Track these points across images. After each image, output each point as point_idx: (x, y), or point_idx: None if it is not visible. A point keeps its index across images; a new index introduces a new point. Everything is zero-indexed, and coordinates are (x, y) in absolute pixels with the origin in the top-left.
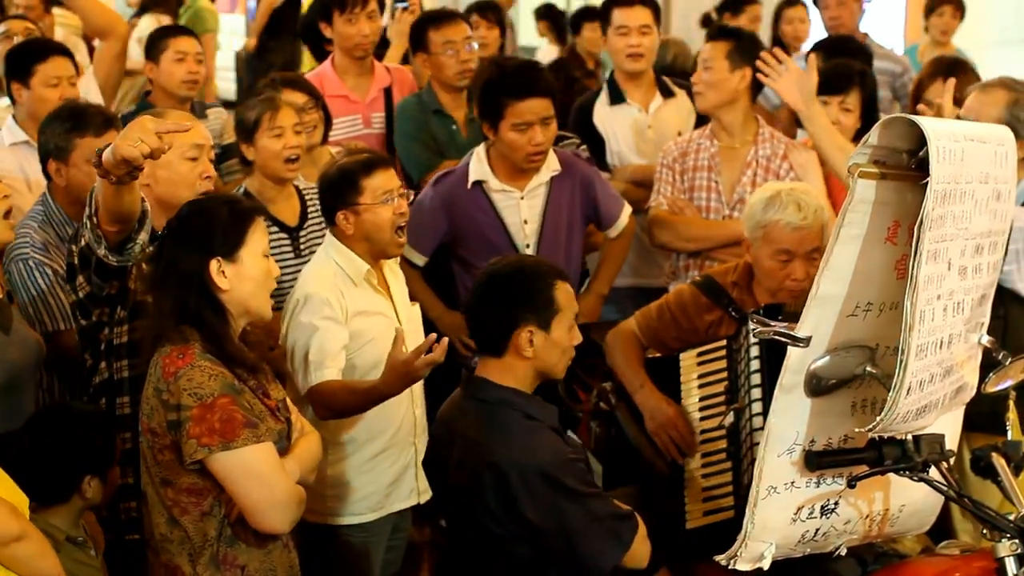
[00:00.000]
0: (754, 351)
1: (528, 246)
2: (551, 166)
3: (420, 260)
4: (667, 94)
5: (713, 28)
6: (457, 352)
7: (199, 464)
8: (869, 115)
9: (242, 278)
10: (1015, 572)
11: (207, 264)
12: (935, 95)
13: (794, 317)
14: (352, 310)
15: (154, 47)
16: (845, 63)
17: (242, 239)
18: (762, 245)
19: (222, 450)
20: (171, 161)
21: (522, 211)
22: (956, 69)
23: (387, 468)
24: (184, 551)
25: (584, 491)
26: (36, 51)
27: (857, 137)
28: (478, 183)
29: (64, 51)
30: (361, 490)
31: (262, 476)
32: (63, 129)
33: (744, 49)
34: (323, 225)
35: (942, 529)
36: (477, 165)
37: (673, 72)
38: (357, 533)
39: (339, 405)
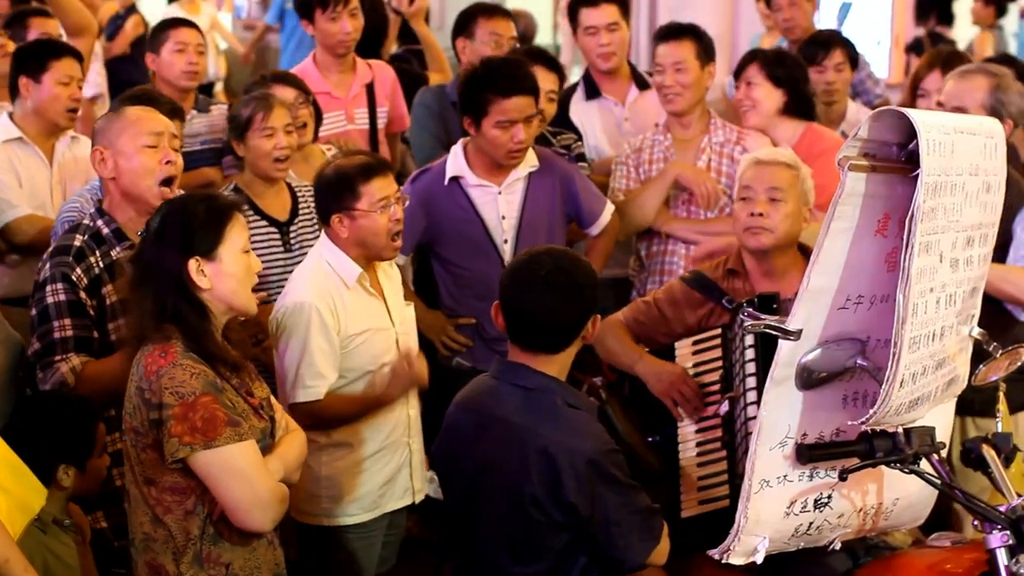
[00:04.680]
0: (748, 340)
1: (506, 241)
2: (529, 162)
3: (400, 259)
4: (642, 86)
5: (665, 28)
6: (437, 352)
7: (181, 463)
8: (794, 89)
9: (222, 276)
10: (1006, 563)
11: (186, 264)
12: (932, 85)
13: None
14: (345, 317)
15: (155, 38)
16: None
17: (220, 237)
18: (736, 195)
19: (204, 448)
20: (130, 152)
21: (500, 206)
22: (954, 60)
23: (381, 469)
24: (168, 550)
25: (627, 482)
26: (52, 49)
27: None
28: (455, 179)
29: (77, 54)
30: (355, 491)
31: (244, 474)
32: None
33: (707, 45)
34: (314, 221)
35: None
36: (454, 161)
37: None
38: (353, 533)
39: (330, 416)
